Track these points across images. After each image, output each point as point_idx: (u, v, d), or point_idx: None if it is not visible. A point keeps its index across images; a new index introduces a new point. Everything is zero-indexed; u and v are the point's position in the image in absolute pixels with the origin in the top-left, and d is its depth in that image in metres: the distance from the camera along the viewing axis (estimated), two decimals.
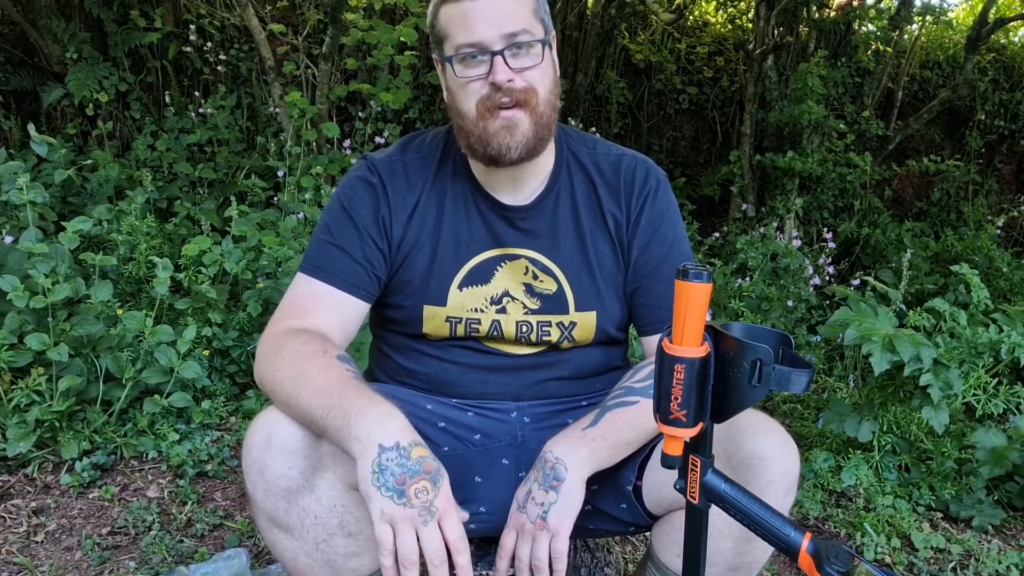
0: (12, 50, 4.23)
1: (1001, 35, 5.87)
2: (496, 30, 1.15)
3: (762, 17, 4.91)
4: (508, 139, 1.19)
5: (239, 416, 2.52)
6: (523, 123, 1.19)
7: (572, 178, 1.33)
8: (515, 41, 1.16)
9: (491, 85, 1.17)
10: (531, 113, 1.19)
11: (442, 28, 1.21)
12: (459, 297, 1.30)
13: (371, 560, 1.16)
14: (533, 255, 1.31)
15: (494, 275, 1.31)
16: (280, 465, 1.07)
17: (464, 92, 1.19)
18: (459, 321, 1.30)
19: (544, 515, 1.13)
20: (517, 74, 1.17)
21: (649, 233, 1.32)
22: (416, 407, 1.34)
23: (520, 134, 1.19)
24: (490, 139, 1.19)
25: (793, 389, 0.84)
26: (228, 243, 2.84)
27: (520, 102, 1.18)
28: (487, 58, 1.16)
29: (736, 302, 3.42)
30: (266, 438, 1.08)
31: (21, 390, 2.17)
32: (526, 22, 1.17)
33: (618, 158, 1.36)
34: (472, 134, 1.21)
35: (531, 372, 1.36)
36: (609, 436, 1.19)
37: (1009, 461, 2.28)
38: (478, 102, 1.18)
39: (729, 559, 1.17)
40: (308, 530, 1.10)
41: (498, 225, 1.30)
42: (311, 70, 4.31)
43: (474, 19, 1.16)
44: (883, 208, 5.11)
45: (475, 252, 1.30)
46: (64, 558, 1.85)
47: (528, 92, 1.18)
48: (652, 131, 5.65)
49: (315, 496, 1.09)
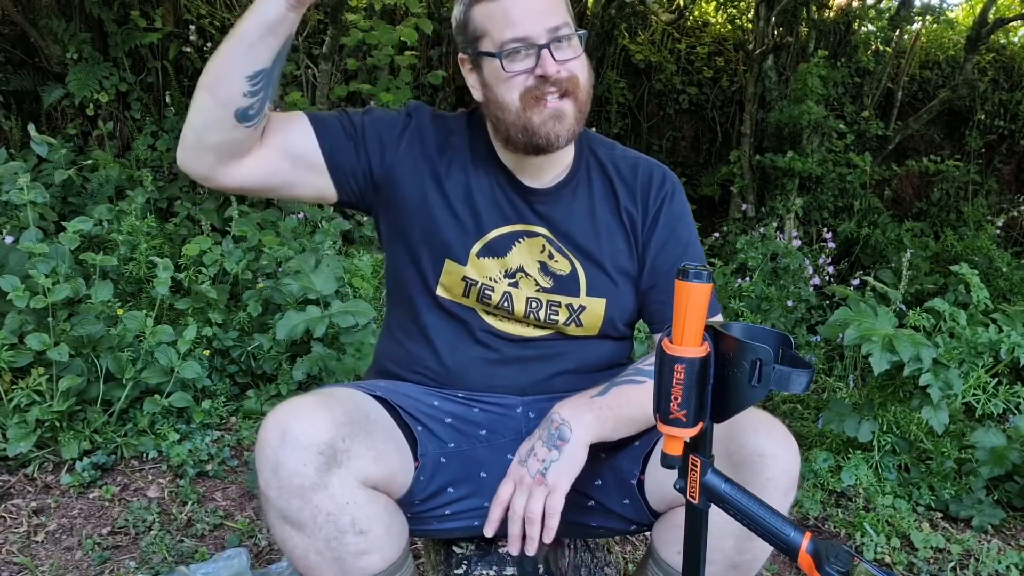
0: (12, 50, 4.23)
1: (1001, 35, 5.87)
2: (540, 24, 1.20)
3: (762, 17, 4.91)
4: (558, 127, 1.24)
5: (239, 416, 2.52)
6: (569, 112, 1.25)
7: (590, 172, 1.39)
8: (557, 35, 1.22)
9: (538, 78, 1.22)
10: (575, 101, 1.25)
11: (478, 26, 1.25)
12: (477, 264, 1.34)
13: (380, 558, 1.17)
14: (551, 236, 1.35)
15: (512, 249, 1.34)
16: (295, 462, 1.07)
17: (507, 86, 1.24)
18: (474, 284, 1.33)
19: (544, 471, 1.18)
20: (561, 65, 1.22)
21: (667, 233, 1.37)
22: (423, 403, 1.35)
23: (567, 122, 1.25)
24: (537, 129, 1.24)
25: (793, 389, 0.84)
26: (228, 243, 2.85)
27: (566, 92, 1.24)
28: (533, 52, 1.21)
29: (736, 302, 3.42)
30: (280, 435, 1.08)
31: (21, 390, 2.18)
32: (564, 16, 1.24)
33: (635, 160, 1.42)
34: (515, 126, 1.25)
35: (536, 364, 1.37)
36: (615, 408, 1.23)
37: (1009, 461, 2.28)
38: (522, 94, 1.23)
39: (729, 557, 1.17)
40: (320, 527, 1.11)
41: (520, 204, 1.35)
42: (311, 70, 4.31)
43: (517, 15, 1.21)
44: (883, 208, 5.12)
45: (496, 224, 1.34)
46: (64, 558, 1.85)
47: (572, 81, 1.24)
48: (652, 131, 5.65)
49: (328, 493, 1.10)
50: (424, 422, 1.34)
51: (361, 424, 1.16)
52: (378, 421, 1.23)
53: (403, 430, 1.30)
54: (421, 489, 1.28)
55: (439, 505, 1.30)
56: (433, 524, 1.32)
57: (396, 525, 1.21)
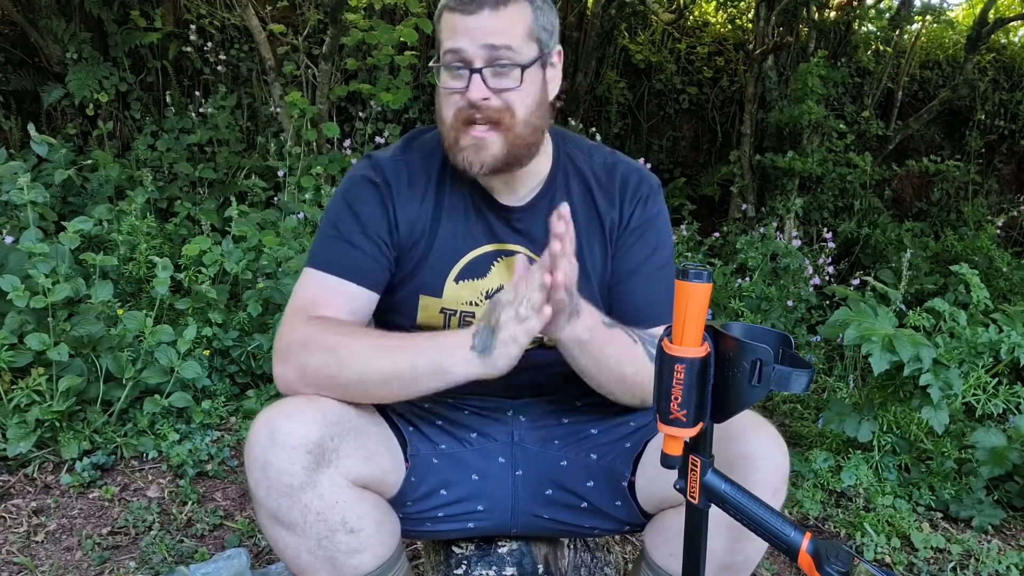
0: (12, 50, 4.24)
1: (1001, 35, 5.87)
2: (478, 42, 1.16)
3: (762, 17, 4.91)
4: (474, 157, 1.20)
5: (239, 416, 2.52)
6: (494, 144, 1.19)
7: (568, 180, 1.34)
8: (497, 60, 1.17)
9: (468, 101, 1.18)
10: (505, 133, 1.20)
11: (438, 33, 1.23)
12: (455, 290, 1.30)
13: (372, 557, 1.17)
14: (530, 253, 1.32)
15: (490, 270, 1.32)
16: (283, 461, 1.07)
17: (446, 101, 1.21)
18: (453, 313, 1.31)
19: (578, 304, 1.14)
20: (495, 93, 1.18)
21: (637, 236, 1.33)
22: (413, 405, 1.35)
23: (488, 154, 1.20)
24: (459, 152, 1.21)
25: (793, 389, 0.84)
26: (228, 243, 2.84)
27: (494, 121, 1.19)
28: (466, 73, 1.17)
29: (736, 302, 3.42)
30: (269, 435, 1.08)
31: (21, 390, 2.18)
32: (514, 42, 1.17)
33: (613, 164, 1.37)
34: (447, 140, 1.23)
35: (525, 372, 1.36)
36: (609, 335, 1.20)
37: (1009, 461, 2.28)
38: (455, 112, 1.20)
39: (720, 558, 1.17)
40: (310, 527, 1.11)
41: (496, 223, 1.32)
42: (311, 70, 4.31)
43: (461, 31, 1.17)
44: (883, 208, 5.11)
45: (472, 247, 1.31)
46: (64, 558, 1.85)
47: (503, 112, 1.19)
48: (652, 131, 5.65)
49: (317, 492, 1.10)
50: (414, 423, 1.34)
51: (351, 424, 1.16)
52: (369, 421, 1.24)
53: (393, 431, 1.30)
54: (412, 490, 1.28)
55: (432, 507, 1.30)
56: (427, 526, 1.32)
57: (388, 524, 1.21)
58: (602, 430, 1.36)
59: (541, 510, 1.34)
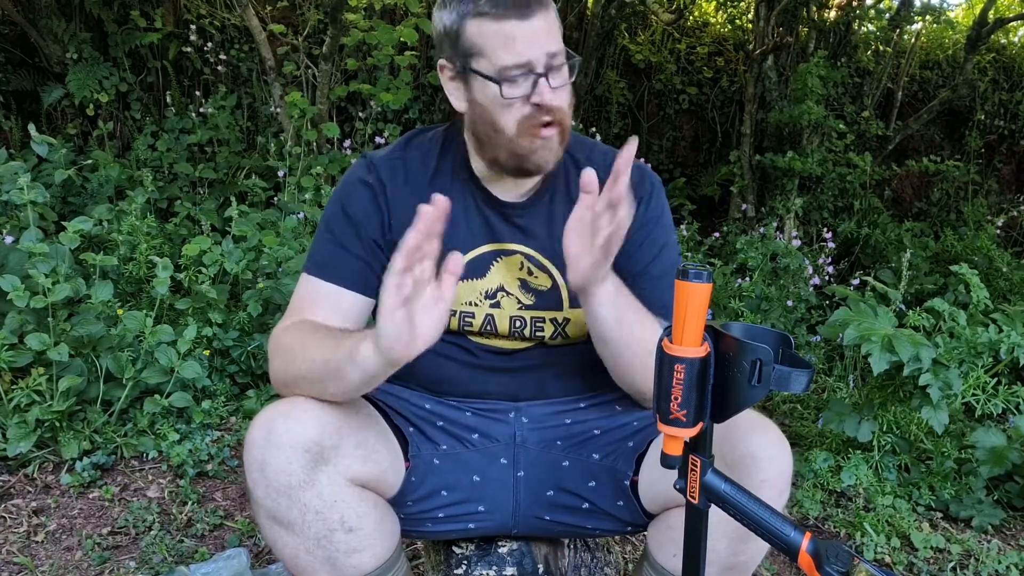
0: (12, 50, 4.23)
1: (1001, 35, 5.87)
2: (542, 50, 1.17)
3: (762, 17, 4.91)
4: (548, 156, 1.23)
5: (239, 416, 2.52)
6: (556, 140, 1.23)
7: (568, 177, 1.34)
8: (554, 62, 1.18)
9: (534, 105, 1.18)
10: (561, 128, 1.23)
11: (474, 43, 1.19)
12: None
13: (372, 556, 1.17)
14: (528, 251, 1.32)
15: (489, 269, 1.32)
16: (281, 461, 1.07)
17: (505, 111, 1.20)
18: (452, 314, 1.31)
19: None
20: (554, 92, 1.20)
21: (643, 235, 1.33)
22: (416, 407, 1.35)
23: (555, 151, 1.24)
24: (529, 156, 1.22)
25: (793, 389, 0.84)
26: (228, 243, 2.84)
27: (558, 120, 1.21)
28: (531, 78, 1.17)
29: (736, 302, 3.42)
30: (267, 434, 1.08)
31: (21, 390, 2.18)
32: (560, 42, 1.20)
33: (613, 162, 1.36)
34: (506, 149, 1.22)
35: (527, 373, 1.36)
36: (633, 299, 1.22)
37: (1009, 461, 2.28)
38: (519, 121, 1.20)
39: (724, 559, 1.17)
40: (309, 526, 1.11)
41: (495, 221, 1.32)
42: (311, 70, 4.31)
43: (520, 41, 1.16)
44: (883, 208, 5.11)
45: (472, 246, 1.31)
46: (64, 558, 1.85)
47: (562, 110, 1.22)
48: (652, 131, 5.65)
49: (316, 491, 1.10)
50: (416, 424, 1.34)
51: (350, 423, 1.16)
52: (368, 420, 1.23)
53: (394, 431, 1.30)
54: (412, 490, 1.28)
55: (432, 508, 1.30)
56: (427, 526, 1.32)
57: (387, 523, 1.21)
58: (605, 431, 1.36)
59: (542, 511, 1.34)
